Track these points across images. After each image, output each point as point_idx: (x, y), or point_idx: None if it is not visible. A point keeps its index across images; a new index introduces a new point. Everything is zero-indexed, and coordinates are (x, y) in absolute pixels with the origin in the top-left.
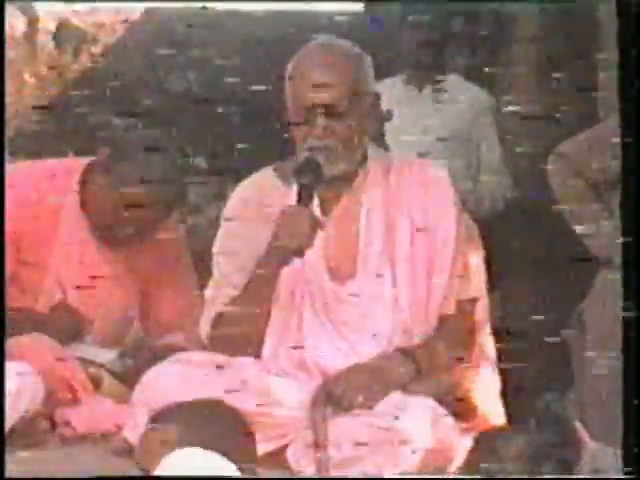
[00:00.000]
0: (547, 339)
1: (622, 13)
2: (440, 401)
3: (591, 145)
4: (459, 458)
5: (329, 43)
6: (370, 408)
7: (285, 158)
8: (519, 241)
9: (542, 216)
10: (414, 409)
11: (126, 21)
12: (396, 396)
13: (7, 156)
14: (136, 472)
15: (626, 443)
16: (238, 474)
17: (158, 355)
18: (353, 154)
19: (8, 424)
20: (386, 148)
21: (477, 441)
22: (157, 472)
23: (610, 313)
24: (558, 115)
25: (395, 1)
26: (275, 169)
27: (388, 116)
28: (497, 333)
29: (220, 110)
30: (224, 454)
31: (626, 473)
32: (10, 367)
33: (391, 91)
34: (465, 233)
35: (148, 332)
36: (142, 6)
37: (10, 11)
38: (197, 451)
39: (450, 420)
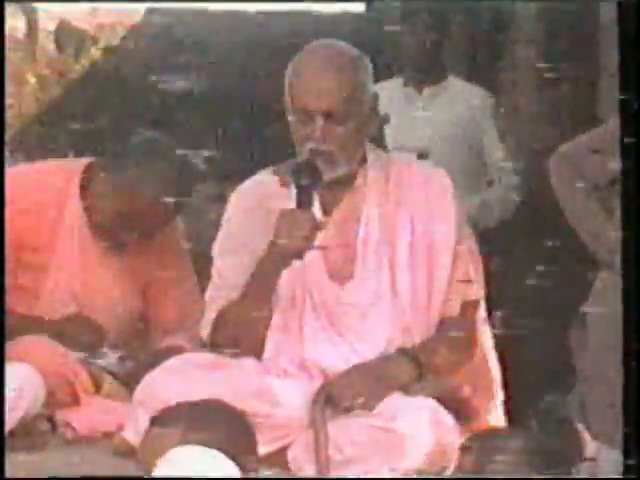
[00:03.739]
0: (548, 340)
1: (623, 13)
2: (441, 402)
3: (592, 146)
4: (459, 459)
5: (328, 46)
6: (370, 409)
7: (285, 160)
8: (519, 242)
9: (543, 217)
10: (414, 410)
11: (126, 22)
12: (396, 397)
13: (7, 157)
14: (137, 473)
15: (626, 443)
16: (239, 474)
17: (159, 356)
18: (352, 156)
19: (9, 425)
20: (385, 149)
21: (477, 442)
22: (158, 472)
23: (611, 314)
24: (558, 116)
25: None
26: (274, 171)
27: (385, 120)
28: (498, 334)
29: (220, 111)
30: (225, 455)
31: (626, 473)
32: (11, 368)
33: (390, 93)
34: (465, 234)
35: (149, 334)
36: (142, 7)
37: (10, 12)
38: (198, 450)
39: (451, 421)
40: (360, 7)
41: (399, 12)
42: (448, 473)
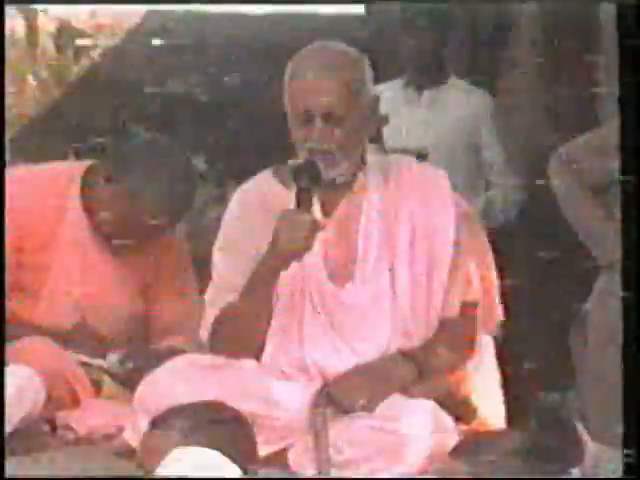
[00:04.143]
0: (548, 340)
1: (622, 15)
2: (441, 403)
3: (592, 148)
4: (458, 459)
5: (328, 46)
6: (371, 410)
7: (285, 161)
8: (520, 243)
9: (543, 218)
10: (414, 411)
11: (126, 24)
12: (397, 398)
13: (7, 159)
14: (137, 474)
15: (626, 443)
16: (240, 474)
17: (159, 358)
18: (352, 157)
19: (9, 427)
20: (384, 150)
21: (477, 442)
22: (158, 473)
23: (611, 314)
24: (558, 118)
25: (396, 1)
26: (274, 172)
27: (384, 121)
28: (498, 335)
29: (220, 113)
30: (225, 456)
31: (626, 474)
32: (12, 370)
33: (391, 95)
34: (466, 235)
35: (149, 335)
36: (142, 9)
37: (10, 13)
38: (198, 451)
39: (450, 422)
40: (360, 9)
41: (399, 14)
42: (447, 474)
